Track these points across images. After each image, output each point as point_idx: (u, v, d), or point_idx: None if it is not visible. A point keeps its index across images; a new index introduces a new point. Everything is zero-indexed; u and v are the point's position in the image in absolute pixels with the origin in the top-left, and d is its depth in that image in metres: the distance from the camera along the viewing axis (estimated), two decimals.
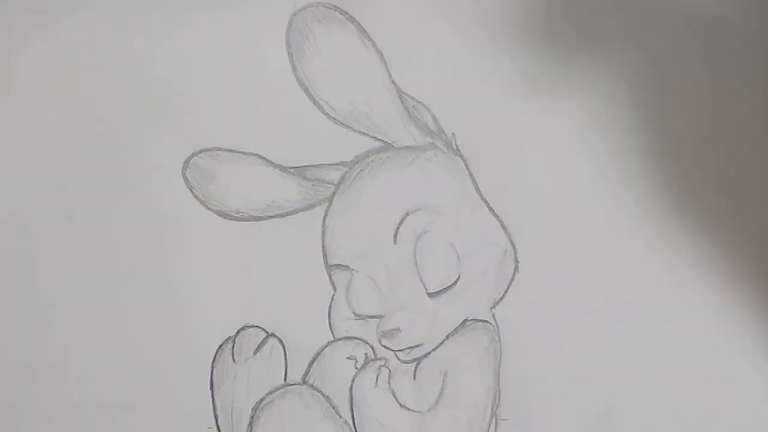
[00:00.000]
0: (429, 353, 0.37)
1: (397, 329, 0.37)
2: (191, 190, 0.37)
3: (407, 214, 0.37)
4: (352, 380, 0.37)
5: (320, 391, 0.37)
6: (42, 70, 0.37)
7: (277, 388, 0.37)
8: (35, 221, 0.37)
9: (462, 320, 0.37)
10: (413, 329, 0.37)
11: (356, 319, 0.37)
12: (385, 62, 0.37)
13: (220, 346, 0.37)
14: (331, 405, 0.37)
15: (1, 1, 0.37)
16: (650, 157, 0.37)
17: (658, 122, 0.37)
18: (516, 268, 0.37)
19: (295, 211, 0.37)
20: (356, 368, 0.37)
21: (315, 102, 0.37)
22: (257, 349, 0.37)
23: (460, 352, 0.37)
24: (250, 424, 0.37)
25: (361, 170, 0.37)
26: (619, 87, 0.37)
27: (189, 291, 0.37)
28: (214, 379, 0.37)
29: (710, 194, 0.37)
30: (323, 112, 0.37)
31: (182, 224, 0.37)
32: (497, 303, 0.37)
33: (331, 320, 0.37)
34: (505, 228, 0.37)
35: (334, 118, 0.37)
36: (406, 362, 0.37)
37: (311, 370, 0.37)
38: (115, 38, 0.37)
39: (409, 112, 0.37)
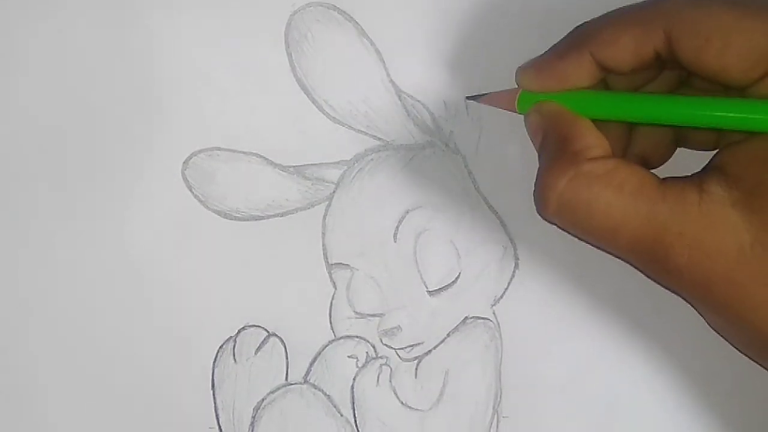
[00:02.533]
0: (430, 351, 0.37)
1: (398, 327, 0.37)
2: (191, 190, 0.37)
3: (407, 212, 0.37)
4: (354, 379, 0.37)
5: (321, 390, 0.37)
6: (40, 69, 0.37)
7: (279, 388, 0.37)
8: (34, 221, 0.37)
9: (463, 318, 0.37)
10: (414, 327, 0.37)
11: (357, 318, 0.37)
12: (383, 61, 0.37)
13: (221, 345, 0.37)
14: (332, 404, 0.37)
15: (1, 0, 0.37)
16: None
17: None
18: (516, 266, 0.37)
19: (295, 210, 0.37)
20: (357, 367, 0.37)
21: (314, 101, 0.37)
22: (258, 349, 0.37)
23: (461, 349, 0.37)
24: (252, 424, 0.37)
25: (360, 169, 0.37)
26: None
27: (189, 291, 0.37)
28: (215, 379, 0.37)
29: None
30: (322, 111, 0.37)
31: (182, 224, 0.37)
32: (498, 300, 0.37)
33: (331, 319, 0.37)
34: (504, 225, 0.37)
35: (334, 117, 0.37)
36: (407, 360, 0.37)
37: (312, 369, 0.37)
38: (114, 37, 0.37)
39: (407, 110, 0.37)
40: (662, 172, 0.31)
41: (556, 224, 0.30)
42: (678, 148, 0.34)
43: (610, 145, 0.30)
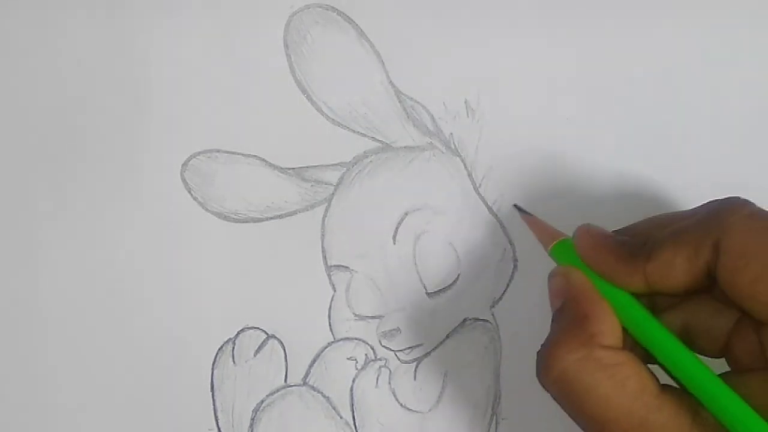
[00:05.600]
0: (429, 353, 0.37)
1: (397, 329, 0.37)
2: (190, 192, 0.37)
3: (406, 214, 0.37)
4: (353, 381, 0.37)
5: (321, 392, 0.37)
6: (40, 70, 0.37)
7: (278, 389, 0.37)
8: (34, 222, 0.37)
9: (462, 320, 0.37)
10: (413, 329, 0.37)
11: (356, 320, 0.37)
12: (383, 63, 0.37)
13: (221, 347, 0.37)
14: (331, 406, 0.37)
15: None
16: (651, 160, 0.37)
17: (660, 125, 0.37)
18: (515, 267, 0.37)
19: (294, 212, 0.37)
20: (356, 369, 0.37)
21: (313, 103, 0.37)
22: (257, 351, 0.37)
23: (460, 351, 0.37)
24: (251, 426, 0.37)
25: (359, 171, 0.37)
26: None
27: (188, 293, 0.37)
28: (214, 381, 0.37)
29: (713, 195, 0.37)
30: (322, 113, 0.37)
31: (181, 226, 0.37)
32: (497, 302, 0.37)
33: (331, 321, 0.37)
34: (504, 227, 0.37)
35: (333, 119, 0.37)
36: (406, 362, 0.37)
37: (311, 371, 0.37)
38: (114, 38, 0.37)
39: (407, 112, 0.37)
40: None
41: (549, 392, 0.30)
42: None
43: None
